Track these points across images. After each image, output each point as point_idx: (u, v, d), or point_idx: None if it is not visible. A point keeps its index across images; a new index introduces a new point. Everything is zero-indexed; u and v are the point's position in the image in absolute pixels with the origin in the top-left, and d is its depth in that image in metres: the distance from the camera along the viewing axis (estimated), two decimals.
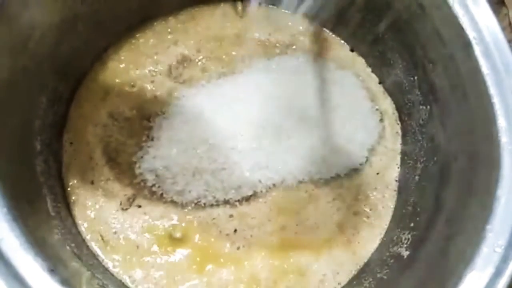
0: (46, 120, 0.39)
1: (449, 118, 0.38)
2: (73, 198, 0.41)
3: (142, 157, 0.43)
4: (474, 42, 0.34)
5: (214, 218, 0.42)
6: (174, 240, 0.41)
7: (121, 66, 0.46)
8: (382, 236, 0.43)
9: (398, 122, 0.47)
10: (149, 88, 0.45)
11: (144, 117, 0.44)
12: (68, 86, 0.43)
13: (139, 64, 0.46)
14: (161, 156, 0.43)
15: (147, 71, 0.46)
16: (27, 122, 0.36)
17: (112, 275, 0.39)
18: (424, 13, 0.38)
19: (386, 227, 0.44)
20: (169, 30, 0.47)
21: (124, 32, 0.46)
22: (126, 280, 0.39)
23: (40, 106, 0.38)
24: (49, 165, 0.39)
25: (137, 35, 0.47)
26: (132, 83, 0.45)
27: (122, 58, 0.46)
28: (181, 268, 0.40)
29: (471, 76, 0.34)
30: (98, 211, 0.41)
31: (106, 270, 0.39)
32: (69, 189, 0.41)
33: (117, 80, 0.45)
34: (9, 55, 0.33)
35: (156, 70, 0.46)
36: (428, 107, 0.41)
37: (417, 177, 0.43)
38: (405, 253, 0.39)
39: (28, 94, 0.36)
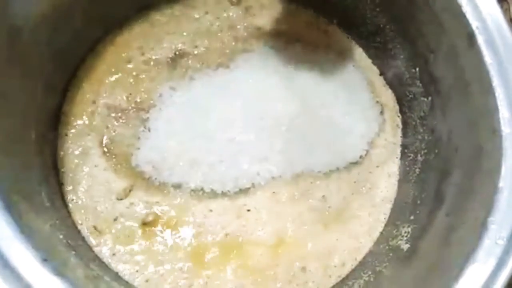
0: (42, 110, 0.39)
1: (451, 109, 0.38)
2: (68, 188, 0.40)
3: (139, 148, 0.42)
4: (477, 32, 0.33)
5: (211, 210, 0.41)
6: (169, 232, 0.40)
7: (117, 57, 0.45)
8: (381, 229, 0.43)
9: (399, 114, 0.47)
10: (146, 79, 0.44)
11: (141, 108, 0.43)
12: (63, 76, 0.43)
13: (135, 55, 0.45)
14: (158, 147, 0.42)
15: (143, 62, 0.45)
16: (22, 112, 0.36)
17: (107, 266, 0.38)
18: (426, 3, 0.37)
19: (385, 220, 0.43)
20: (165, 20, 0.46)
21: (119, 23, 0.45)
22: (121, 271, 0.38)
23: (36, 96, 0.38)
24: (44, 156, 0.38)
25: (133, 26, 0.46)
26: (128, 74, 0.44)
27: (118, 48, 0.45)
28: (177, 260, 0.39)
29: (473, 67, 0.34)
30: (94, 202, 0.40)
31: (101, 262, 0.38)
32: (64, 179, 0.40)
33: (113, 71, 0.44)
34: (3, 44, 0.32)
35: (152, 61, 0.45)
36: (430, 98, 0.41)
37: (417, 170, 0.42)
38: (405, 246, 0.38)
39: (23, 83, 0.36)
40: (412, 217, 0.40)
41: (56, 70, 0.41)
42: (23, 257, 0.25)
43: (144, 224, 0.40)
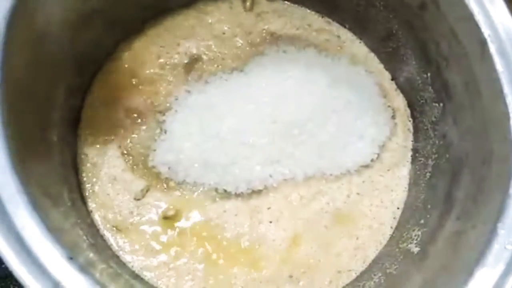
0: (63, 113, 0.40)
1: (462, 115, 0.38)
2: (88, 188, 0.42)
3: (155, 150, 0.43)
4: (489, 40, 0.34)
5: (225, 211, 0.42)
6: (185, 231, 0.41)
7: (134, 61, 0.46)
8: (391, 232, 0.43)
9: (410, 119, 0.47)
10: (162, 82, 0.46)
11: (157, 111, 0.45)
12: (83, 80, 0.44)
13: (152, 59, 0.46)
14: (174, 149, 0.43)
15: (159, 66, 0.46)
16: (44, 114, 0.37)
17: (126, 264, 0.39)
18: (439, 10, 0.38)
19: (396, 223, 0.44)
20: (180, 25, 0.47)
21: (136, 28, 0.47)
22: (139, 270, 0.40)
23: (58, 98, 0.39)
24: (64, 156, 0.40)
25: (149, 31, 0.47)
26: (145, 78, 0.45)
27: (135, 53, 0.46)
28: (193, 259, 0.41)
29: (485, 74, 0.34)
30: (112, 201, 0.42)
31: (120, 260, 0.39)
32: (83, 179, 0.42)
33: (130, 75, 0.45)
34: (27, 49, 0.33)
35: (168, 65, 0.46)
36: (441, 104, 0.41)
37: (428, 174, 0.43)
38: (415, 249, 0.39)
39: (45, 87, 0.37)
40: (422, 221, 0.40)
41: (77, 74, 0.42)
42: (51, 255, 0.26)
43: (161, 222, 0.41)
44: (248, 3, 0.49)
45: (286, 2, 0.49)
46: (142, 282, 0.39)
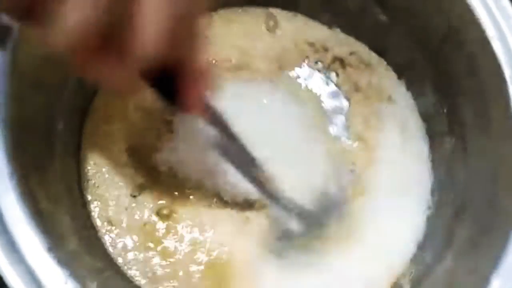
0: (70, 103, 0.40)
1: (473, 156, 0.37)
2: (87, 181, 0.42)
3: (159, 149, 0.43)
4: (509, 81, 0.33)
5: (218, 218, 0.42)
6: (177, 232, 0.41)
7: None
8: None
9: None
10: None
11: (166, 110, 0.45)
12: None
13: None
14: (178, 150, 0.43)
15: None
16: (52, 103, 0.37)
17: (113, 260, 0.39)
18: (459, 45, 0.37)
19: None
20: None
21: None
22: (126, 266, 0.40)
23: (66, 89, 0.39)
24: (67, 148, 0.40)
25: None
26: None
27: None
28: (181, 260, 0.40)
29: (502, 116, 0.33)
30: (109, 195, 0.42)
31: (108, 255, 0.39)
32: (84, 172, 0.42)
33: None
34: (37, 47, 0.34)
35: None
36: (453, 140, 0.40)
37: (430, 211, 0.41)
38: (407, 286, 0.38)
39: (55, 80, 0.37)
40: (418, 258, 0.39)
41: None
42: (31, 244, 0.26)
43: (154, 221, 0.41)
44: (271, 23, 0.48)
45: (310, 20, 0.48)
46: (125, 278, 0.39)
